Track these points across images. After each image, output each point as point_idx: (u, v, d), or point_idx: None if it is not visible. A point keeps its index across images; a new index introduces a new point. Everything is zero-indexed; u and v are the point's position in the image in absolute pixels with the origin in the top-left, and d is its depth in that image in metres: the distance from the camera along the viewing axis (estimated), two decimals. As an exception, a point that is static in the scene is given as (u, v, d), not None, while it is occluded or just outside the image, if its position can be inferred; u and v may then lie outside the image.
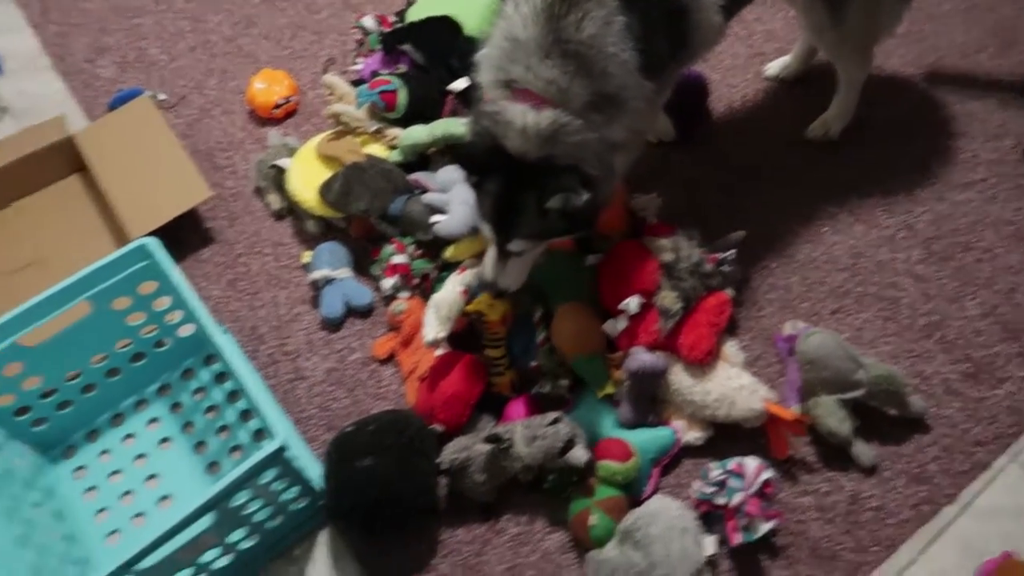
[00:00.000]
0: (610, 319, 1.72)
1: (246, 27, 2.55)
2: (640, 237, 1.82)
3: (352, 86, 2.18)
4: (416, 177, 1.97)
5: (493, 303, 1.73)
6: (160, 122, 2.18)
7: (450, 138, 1.97)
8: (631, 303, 1.69)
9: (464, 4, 2.12)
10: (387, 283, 1.90)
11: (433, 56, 2.14)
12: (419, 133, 2.00)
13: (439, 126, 1.99)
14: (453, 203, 1.86)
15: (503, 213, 1.53)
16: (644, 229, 1.85)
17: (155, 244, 1.68)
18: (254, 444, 1.78)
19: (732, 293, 1.79)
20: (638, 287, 1.71)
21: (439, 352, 1.76)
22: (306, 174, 2.03)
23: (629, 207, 1.90)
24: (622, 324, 1.70)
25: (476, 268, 1.76)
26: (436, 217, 1.87)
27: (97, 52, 2.53)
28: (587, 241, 1.82)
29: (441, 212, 1.87)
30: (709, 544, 1.54)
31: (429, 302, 1.76)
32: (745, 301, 1.89)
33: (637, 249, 1.78)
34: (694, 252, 1.74)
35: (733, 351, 1.77)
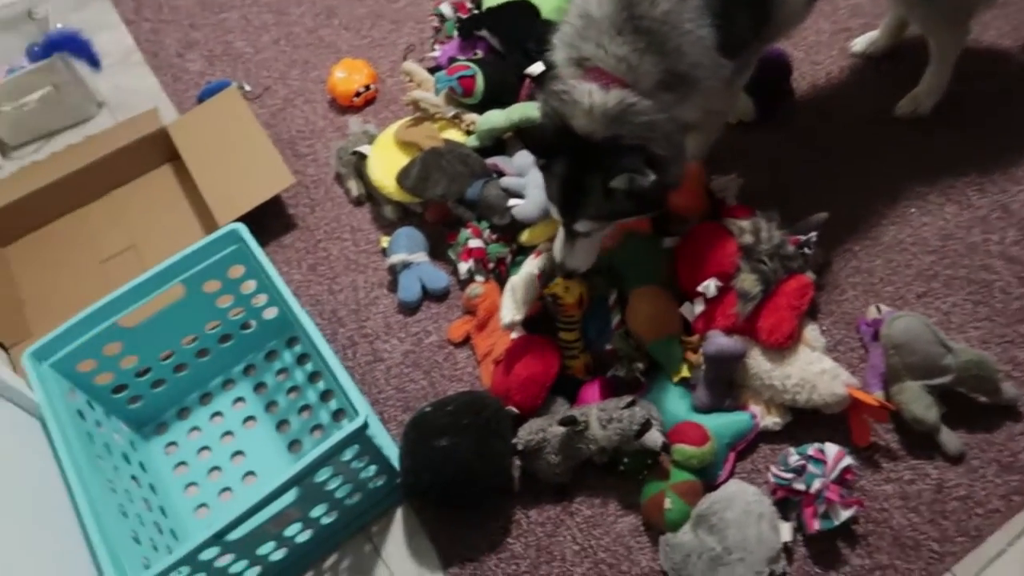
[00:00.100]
0: (687, 302, 1.71)
1: (327, 18, 2.61)
2: (719, 219, 1.78)
3: (430, 73, 2.20)
4: (493, 161, 1.99)
5: (569, 286, 1.72)
6: (246, 112, 2.25)
7: (527, 122, 1.97)
8: (709, 286, 1.66)
9: (540, -12, 2.12)
10: (463, 267, 1.92)
11: (510, 41, 2.15)
12: (496, 118, 2.01)
13: (516, 110, 2.00)
14: (529, 187, 1.87)
15: (569, 194, 1.52)
16: (723, 211, 1.82)
17: (244, 229, 1.74)
18: (334, 424, 1.83)
19: (813, 276, 1.75)
20: (716, 270, 1.68)
21: (515, 335, 1.77)
22: (385, 160, 2.06)
23: (708, 188, 1.87)
24: (699, 307, 1.68)
25: (551, 252, 1.76)
26: (513, 201, 1.88)
27: (186, 47, 2.63)
28: (664, 223, 1.80)
29: (518, 196, 1.88)
30: (786, 530, 1.52)
31: (506, 285, 1.77)
32: (827, 285, 1.84)
33: (716, 231, 1.74)
34: (775, 234, 1.70)
35: (814, 335, 1.72)
